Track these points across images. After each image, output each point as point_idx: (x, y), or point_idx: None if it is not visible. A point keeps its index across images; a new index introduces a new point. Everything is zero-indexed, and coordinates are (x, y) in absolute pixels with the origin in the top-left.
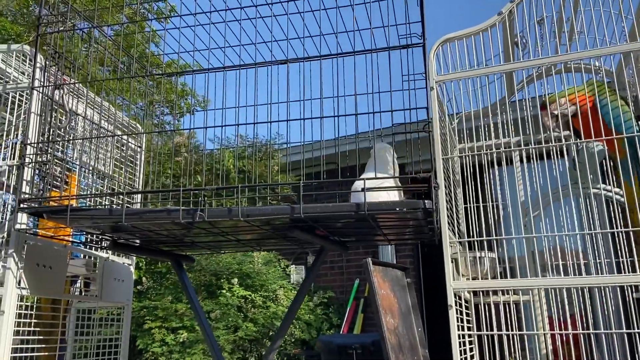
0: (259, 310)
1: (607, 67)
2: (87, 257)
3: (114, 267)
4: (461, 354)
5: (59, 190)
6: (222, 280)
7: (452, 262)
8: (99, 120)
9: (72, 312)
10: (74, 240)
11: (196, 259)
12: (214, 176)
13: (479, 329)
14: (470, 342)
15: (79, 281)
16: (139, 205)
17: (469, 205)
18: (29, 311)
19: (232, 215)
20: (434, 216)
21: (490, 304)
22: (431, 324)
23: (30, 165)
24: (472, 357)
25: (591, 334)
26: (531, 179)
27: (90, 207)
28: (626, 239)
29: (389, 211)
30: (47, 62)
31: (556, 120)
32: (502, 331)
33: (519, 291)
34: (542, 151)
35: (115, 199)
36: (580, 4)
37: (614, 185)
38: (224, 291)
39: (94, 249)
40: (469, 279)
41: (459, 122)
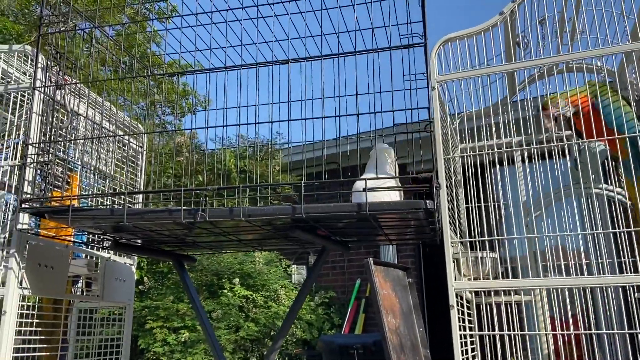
0: (261, 310)
1: (609, 67)
2: (88, 257)
3: (116, 267)
4: (463, 354)
5: (60, 191)
6: (224, 280)
7: (453, 262)
8: (101, 121)
9: (73, 312)
10: (75, 240)
11: (197, 259)
12: (215, 176)
13: (480, 329)
14: (472, 343)
15: (81, 281)
16: (140, 205)
17: (471, 205)
18: (30, 311)
19: (233, 215)
20: (436, 216)
21: (491, 304)
22: (433, 324)
23: (31, 166)
24: (473, 357)
25: (593, 335)
26: (533, 178)
27: (91, 207)
28: (628, 238)
29: (391, 211)
30: (48, 62)
31: (556, 121)
32: (503, 331)
33: (520, 291)
34: (544, 151)
35: (116, 199)
36: (581, 4)
37: (615, 185)
38: (225, 291)
39: (96, 249)
40: (470, 279)
41: (461, 122)
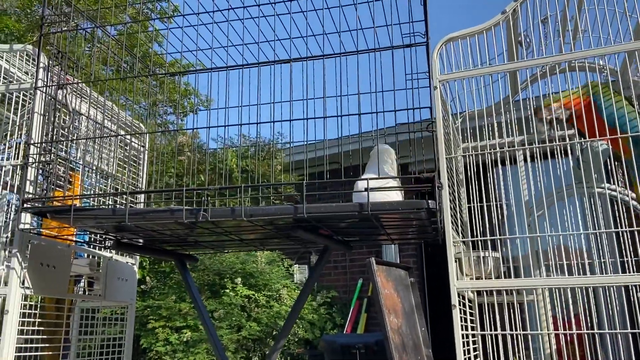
0: (263, 309)
1: (612, 65)
2: (90, 256)
3: (118, 266)
4: (465, 354)
5: (62, 190)
6: (226, 279)
7: (455, 261)
8: (102, 120)
9: (75, 312)
10: (77, 239)
11: (200, 259)
12: (217, 176)
13: (482, 328)
14: (474, 342)
15: (83, 281)
16: (142, 205)
17: (473, 205)
18: (33, 311)
19: (235, 215)
20: (438, 216)
21: (494, 303)
22: (435, 323)
23: (33, 165)
24: (475, 357)
25: (595, 334)
26: (535, 178)
27: (93, 206)
28: (630, 238)
29: (393, 211)
30: (50, 62)
31: (550, 125)
32: (506, 331)
33: (522, 291)
34: (546, 150)
35: (118, 198)
36: (584, 3)
37: (618, 185)
38: (227, 290)
39: (98, 248)
40: (472, 278)
41: (463, 122)
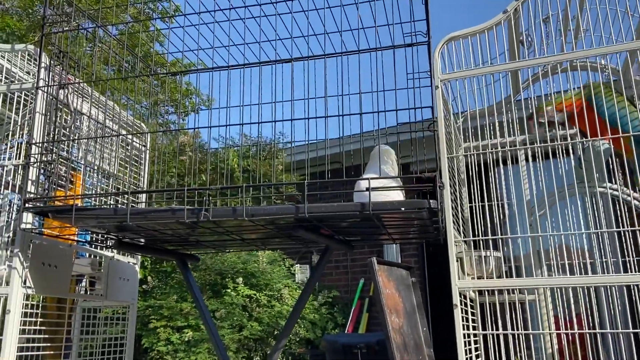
0: (264, 309)
1: (614, 65)
2: (92, 256)
3: (119, 266)
4: (466, 354)
5: (64, 190)
6: (227, 279)
7: (457, 261)
8: (104, 120)
9: (77, 311)
10: (79, 239)
11: (201, 258)
12: (219, 175)
13: (484, 328)
14: (476, 342)
15: (84, 280)
16: (143, 205)
17: (474, 204)
18: (34, 310)
19: (236, 214)
20: (439, 215)
21: (495, 303)
22: (436, 323)
23: (35, 165)
24: (477, 356)
25: (597, 334)
26: (537, 177)
27: (95, 206)
28: (632, 237)
29: (394, 211)
30: (51, 62)
31: (545, 128)
32: (507, 330)
33: (524, 290)
34: (548, 150)
35: (120, 198)
36: (586, 2)
37: (620, 184)
38: (228, 290)
39: (99, 248)
40: (474, 278)
41: (464, 121)
